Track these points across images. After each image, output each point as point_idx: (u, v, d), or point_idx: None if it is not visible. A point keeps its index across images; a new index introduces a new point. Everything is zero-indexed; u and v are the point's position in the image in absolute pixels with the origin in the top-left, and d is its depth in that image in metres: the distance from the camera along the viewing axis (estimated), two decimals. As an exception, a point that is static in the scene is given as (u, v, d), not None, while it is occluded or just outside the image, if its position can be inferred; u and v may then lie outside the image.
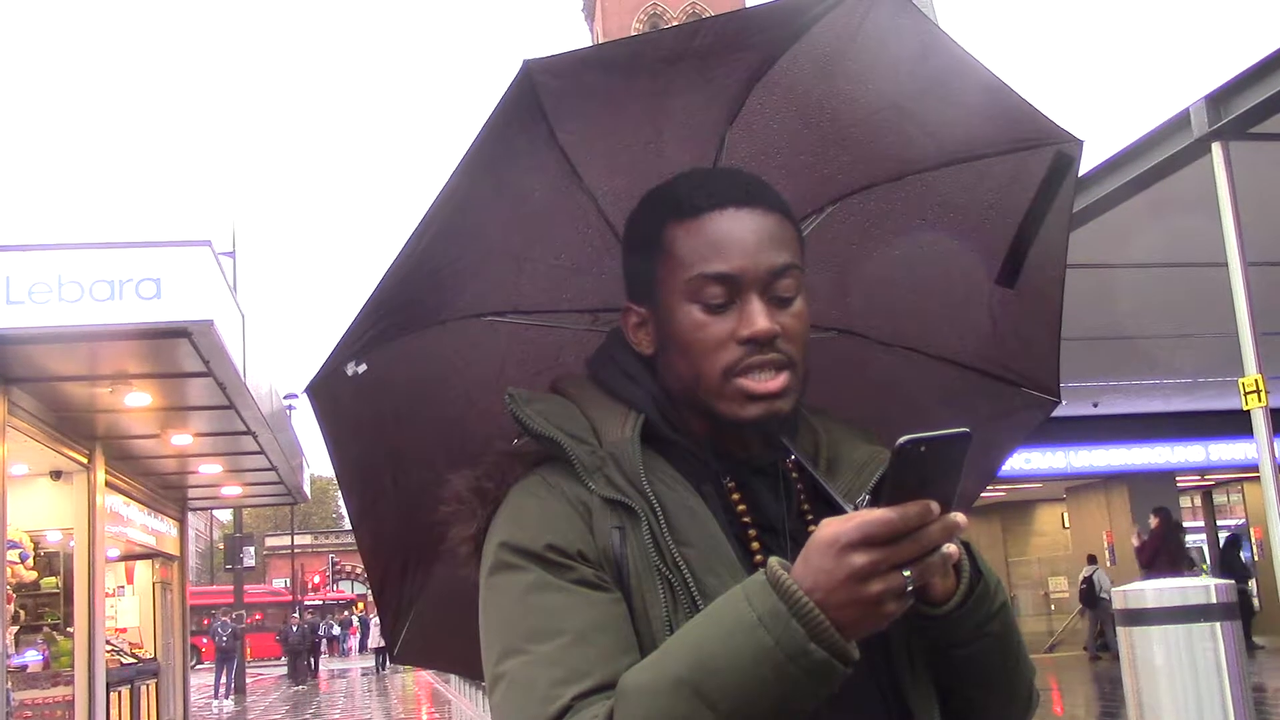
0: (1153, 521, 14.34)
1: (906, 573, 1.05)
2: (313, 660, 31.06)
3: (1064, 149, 1.59)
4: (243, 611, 30.24)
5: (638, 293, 1.39)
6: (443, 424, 1.65)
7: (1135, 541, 15.01)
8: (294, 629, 31.90)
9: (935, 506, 1.05)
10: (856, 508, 1.24)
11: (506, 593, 1.24)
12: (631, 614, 1.22)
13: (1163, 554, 13.91)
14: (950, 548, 1.07)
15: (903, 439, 1.03)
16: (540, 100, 1.35)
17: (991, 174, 1.62)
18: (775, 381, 1.28)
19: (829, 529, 1.07)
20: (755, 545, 1.30)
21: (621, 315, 1.42)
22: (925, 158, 1.61)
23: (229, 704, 24.20)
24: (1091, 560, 17.99)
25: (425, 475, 1.48)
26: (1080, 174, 5.76)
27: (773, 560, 1.10)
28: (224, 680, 25.55)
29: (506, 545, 1.26)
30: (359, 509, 1.68)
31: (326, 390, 1.57)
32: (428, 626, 1.77)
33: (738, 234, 1.30)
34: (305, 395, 1.57)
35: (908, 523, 1.04)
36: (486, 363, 1.65)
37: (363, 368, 1.53)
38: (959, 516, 1.07)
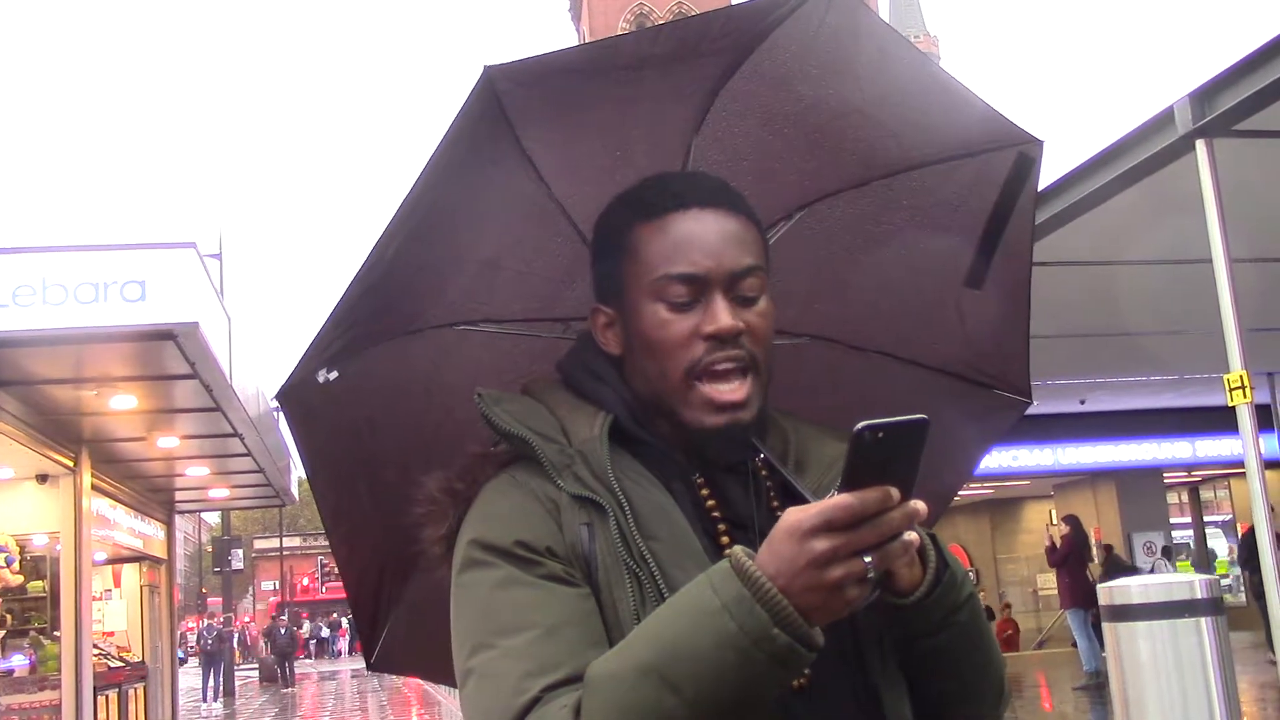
0: (1064, 528, 15.17)
1: (867, 559, 1.06)
2: (287, 666, 30.58)
3: (1025, 150, 1.61)
4: (231, 614, 30.16)
5: (605, 293, 1.41)
6: (417, 432, 1.65)
7: (1048, 543, 15.70)
8: (281, 630, 31.72)
9: (895, 492, 1.05)
10: None
11: (476, 589, 1.25)
12: (600, 609, 1.23)
13: (1074, 556, 14.68)
14: (911, 535, 1.08)
15: (860, 425, 1.03)
16: (504, 107, 1.36)
17: (955, 177, 1.64)
18: (738, 392, 1.30)
19: (792, 516, 1.08)
20: (725, 540, 1.31)
21: (590, 316, 1.44)
22: (890, 162, 1.62)
23: (218, 706, 24.17)
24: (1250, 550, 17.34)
25: (400, 483, 1.48)
26: (1065, 172, 5.74)
27: (736, 548, 1.11)
28: (211, 683, 25.52)
29: (476, 542, 1.27)
30: (334, 517, 1.68)
31: (298, 398, 1.57)
32: (405, 635, 1.77)
33: (702, 234, 1.33)
34: (276, 401, 1.57)
35: (866, 507, 1.05)
36: (459, 372, 1.65)
37: (334, 375, 1.53)
38: (919, 504, 1.08)
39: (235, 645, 28.99)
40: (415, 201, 1.37)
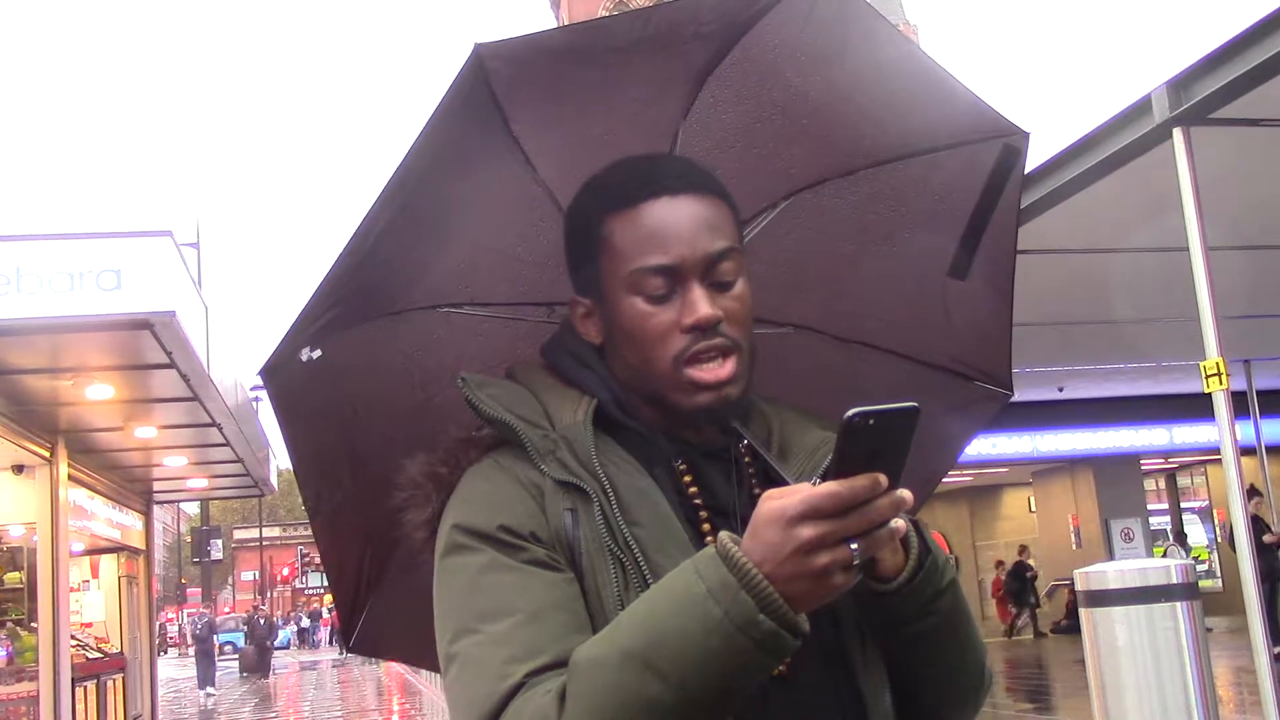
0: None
1: (854, 546, 1.05)
2: (265, 656, 30.60)
3: (1010, 142, 1.61)
4: (210, 604, 30.17)
5: (582, 285, 1.41)
6: (400, 414, 1.64)
7: None
8: (260, 621, 31.60)
9: (883, 480, 1.05)
10: None
11: (459, 574, 1.25)
12: (584, 594, 1.23)
13: None
14: (898, 523, 1.08)
15: (851, 411, 1.03)
16: (492, 87, 1.35)
17: (941, 167, 1.64)
18: (724, 369, 1.31)
19: (775, 502, 1.07)
20: (706, 527, 1.31)
21: (569, 306, 1.44)
22: (876, 151, 1.62)
23: (205, 694, 24.38)
24: None
25: (383, 465, 1.47)
26: (1042, 160, 5.72)
27: (723, 534, 1.11)
28: (204, 672, 25.86)
29: (459, 527, 1.27)
30: (315, 498, 1.66)
31: (281, 375, 1.56)
32: (385, 618, 1.76)
33: (674, 223, 1.32)
34: (260, 377, 1.56)
35: (855, 495, 1.04)
36: (443, 354, 1.64)
37: (317, 353, 1.52)
38: (906, 493, 1.07)
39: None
40: (401, 180, 1.36)
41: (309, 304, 1.48)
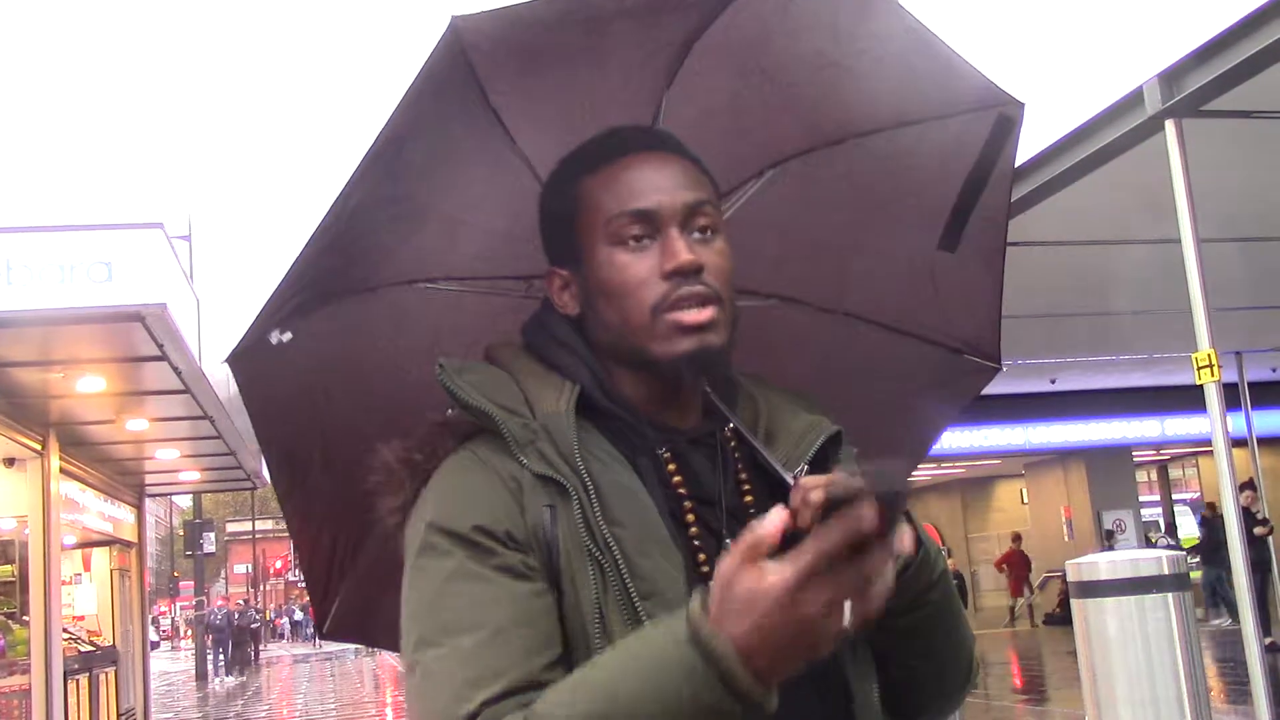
0: None
1: (847, 613, 0.97)
2: (244, 651, 30.84)
3: (1005, 111, 1.58)
4: (203, 598, 30.29)
5: (559, 255, 1.39)
6: (374, 396, 1.61)
7: None
8: (234, 615, 31.60)
9: (869, 514, 0.94)
10: (795, 478, 1.23)
11: (429, 578, 1.21)
12: (561, 597, 1.20)
13: None
14: (889, 578, 1.00)
15: (830, 490, 0.95)
16: (470, 61, 1.32)
17: (932, 137, 1.60)
18: (704, 313, 1.28)
19: (765, 581, 0.98)
20: (691, 518, 1.28)
21: (546, 279, 1.41)
22: (865, 121, 1.59)
23: (229, 680, 25.23)
24: None
25: (355, 449, 1.43)
26: (1034, 152, 5.68)
27: (694, 604, 1.04)
28: (222, 660, 27.19)
29: (434, 526, 1.23)
30: (287, 483, 1.64)
31: (250, 360, 1.52)
32: (358, 603, 1.74)
33: (651, 174, 1.32)
34: (226, 365, 1.53)
35: (836, 546, 0.95)
36: (419, 332, 1.61)
37: (287, 336, 1.49)
38: (904, 540, 1.01)
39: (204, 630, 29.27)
40: (378, 155, 1.34)
41: (280, 286, 1.45)
